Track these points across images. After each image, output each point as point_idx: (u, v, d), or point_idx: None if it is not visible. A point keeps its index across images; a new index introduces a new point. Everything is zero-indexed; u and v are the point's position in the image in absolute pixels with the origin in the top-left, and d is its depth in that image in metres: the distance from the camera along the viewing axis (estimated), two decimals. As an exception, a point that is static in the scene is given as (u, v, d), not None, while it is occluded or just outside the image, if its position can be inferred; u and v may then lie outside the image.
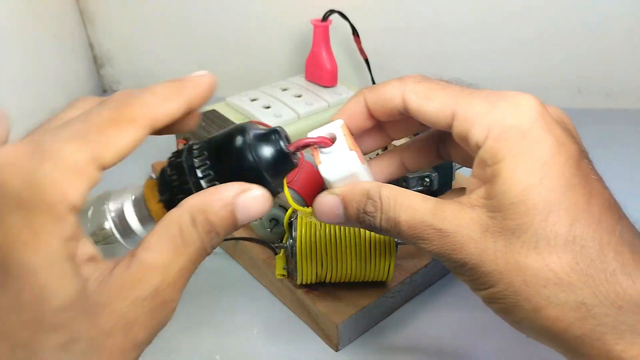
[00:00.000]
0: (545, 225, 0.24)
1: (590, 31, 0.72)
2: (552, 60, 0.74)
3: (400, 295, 0.43)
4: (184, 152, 0.26)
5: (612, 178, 0.30)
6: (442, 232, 0.25)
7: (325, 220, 0.29)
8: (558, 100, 0.76)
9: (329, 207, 0.28)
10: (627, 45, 0.73)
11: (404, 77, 0.29)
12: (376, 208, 0.27)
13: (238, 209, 0.24)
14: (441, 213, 0.26)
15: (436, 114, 0.27)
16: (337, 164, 0.28)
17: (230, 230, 0.25)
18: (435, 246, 0.26)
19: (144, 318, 0.22)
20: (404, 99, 0.28)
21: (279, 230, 0.44)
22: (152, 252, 0.22)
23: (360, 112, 0.30)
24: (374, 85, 0.30)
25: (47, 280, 0.20)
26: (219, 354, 0.39)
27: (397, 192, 0.27)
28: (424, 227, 0.26)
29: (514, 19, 0.72)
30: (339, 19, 0.63)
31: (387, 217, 0.27)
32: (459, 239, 0.25)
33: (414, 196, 0.27)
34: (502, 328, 0.41)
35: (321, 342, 0.40)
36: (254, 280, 0.46)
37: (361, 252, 0.39)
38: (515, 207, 0.24)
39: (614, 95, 0.77)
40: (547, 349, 0.40)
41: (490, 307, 0.27)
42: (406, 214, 0.26)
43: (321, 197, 0.28)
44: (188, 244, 0.23)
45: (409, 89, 0.28)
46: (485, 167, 0.25)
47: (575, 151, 0.26)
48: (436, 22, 0.73)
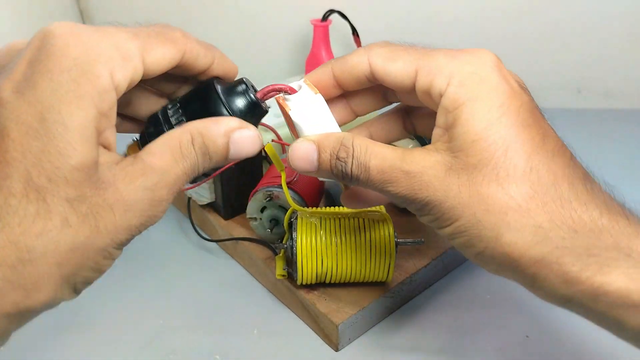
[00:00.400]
0: (505, 158, 0.26)
1: (589, 32, 0.73)
2: (552, 60, 0.75)
3: (400, 295, 0.43)
4: (159, 110, 0.29)
5: (611, 177, 0.30)
6: (409, 174, 0.27)
7: (299, 166, 0.29)
8: (558, 100, 0.76)
9: (304, 151, 0.29)
10: (627, 46, 0.73)
11: (369, 44, 0.31)
12: (348, 154, 0.28)
13: (232, 141, 0.27)
14: (409, 157, 0.28)
15: (400, 73, 0.29)
16: (306, 107, 0.29)
17: (221, 161, 0.27)
18: (402, 188, 0.27)
19: (141, 206, 0.25)
20: (369, 62, 0.30)
21: (279, 231, 0.44)
22: (154, 157, 0.25)
23: (327, 80, 0.31)
24: (341, 56, 0.31)
25: (74, 140, 0.23)
26: (219, 354, 0.39)
27: (368, 142, 0.29)
28: (392, 171, 0.28)
29: (513, 19, 0.72)
30: (338, 18, 0.63)
31: (358, 163, 0.28)
32: (425, 179, 0.27)
33: (384, 146, 0.29)
34: (502, 328, 0.42)
35: (321, 342, 0.40)
36: (254, 280, 0.46)
37: (361, 253, 0.39)
38: (476, 144, 0.26)
39: (613, 96, 0.77)
40: (547, 349, 0.40)
41: (454, 242, 0.28)
42: (376, 160, 0.28)
43: (297, 143, 0.29)
44: (185, 157, 0.26)
45: (374, 52, 0.30)
46: (447, 114, 0.27)
47: (528, 99, 0.28)
48: (436, 21, 0.73)
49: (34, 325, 0.42)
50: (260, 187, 0.44)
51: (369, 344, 0.40)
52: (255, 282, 0.46)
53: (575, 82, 0.76)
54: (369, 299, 0.40)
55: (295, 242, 0.39)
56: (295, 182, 0.45)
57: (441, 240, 0.46)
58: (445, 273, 0.47)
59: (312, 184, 0.47)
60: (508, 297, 0.44)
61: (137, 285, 0.46)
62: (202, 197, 0.49)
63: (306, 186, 0.45)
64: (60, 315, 0.43)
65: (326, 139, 0.29)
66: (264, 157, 0.49)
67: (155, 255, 0.49)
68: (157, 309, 0.43)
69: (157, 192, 0.25)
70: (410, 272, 0.43)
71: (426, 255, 0.44)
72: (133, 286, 0.46)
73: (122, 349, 0.40)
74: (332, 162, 0.29)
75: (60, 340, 0.41)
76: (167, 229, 0.52)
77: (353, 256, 0.39)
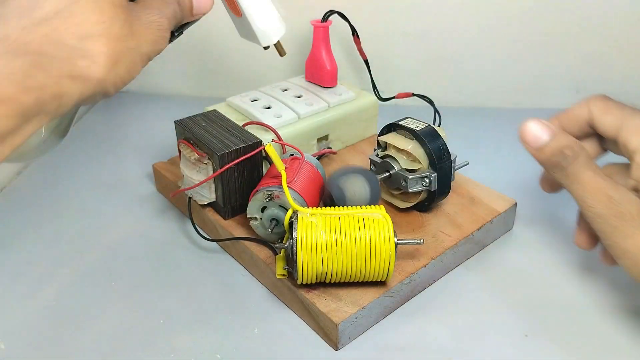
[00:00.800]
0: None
1: (588, 32, 0.73)
2: (551, 60, 0.75)
3: (400, 295, 0.43)
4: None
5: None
6: (611, 199, 0.35)
7: (525, 136, 0.38)
8: (556, 100, 0.76)
9: (538, 129, 0.37)
10: (626, 46, 0.74)
11: (590, 97, 0.40)
12: (574, 156, 0.36)
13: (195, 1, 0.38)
14: (615, 185, 0.35)
15: (609, 125, 0.38)
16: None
17: (187, 14, 0.38)
18: (600, 208, 0.35)
19: (149, 33, 0.34)
20: (589, 111, 0.39)
21: (279, 231, 0.44)
22: (152, 1, 0.35)
23: (578, 117, 0.40)
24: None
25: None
26: (220, 353, 0.39)
27: (590, 157, 0.37)
28: (600, 189, 0.35)
29: (513, 19, 0.72)
30: (338, 19, 0.63)
31: (575, 168, 0.36)
32: (621, 210, 0.35)
33: (599, 170, 0.37)
34: (501, 328, 0.42)
35: (321, 342, 0.41)
36: (254, 279, 0.46)
37: (361, 252, 0.39)
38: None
39: (612, 96, 0.77)
40: (547, 349, 0.40)
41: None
42: (590, 173, 0.36)
43: (536, 122, 0.38)
44: (168, 4, 0.35)
45: (593, 104, 0.39)
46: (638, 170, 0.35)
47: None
48: (436, 22, 0.73)
49: (34, 324, 0.42)
50: (261, 187, 0.44)
51: (368, 343, 0.40)
52: (256, 281, 0.46)
53: (573, 83, 0.76)
54: (368, 298, 0.41)
55: (296, 242, 0.39)
56: (295, 182, 0.45)
57: (441, 240, 0.46)
58: (445, 273, 0.47)
59: (313, 184, 0.47)
60: (507, 297, 0.44)
61: (138, 285, 0.46)
62: (203, 197, 0.49)
63: (306, 186, 0.46)
64: (60, 315, 0.43)
65: (564, 133, 0.37)
66: (264, 157, 0.49)
67: (156, 255, 0.49)
68: (157, 308, 0.43)
69: (158, 24, 0.34)
70: (410, 272, 0.43)
71: (426, 255, 0.44)
72: (133, 286, 0.46)
73: (122, 349, 0.40)
74: (556, 151, 0.37)
75: (60, 340, 0.41)
76: (167, 229, 0.53)
77: (353, 256, 0.39)
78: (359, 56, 0.68)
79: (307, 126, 0.56)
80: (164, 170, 0.56)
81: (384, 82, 0.71)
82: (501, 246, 0.50)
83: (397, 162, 0.48)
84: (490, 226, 0.49)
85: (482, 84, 0.77)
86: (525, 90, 0.76)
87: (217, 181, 0.48)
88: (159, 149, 0.65)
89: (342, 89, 0.62)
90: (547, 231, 0.52)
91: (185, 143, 0.49)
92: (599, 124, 0.39)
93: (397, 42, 0.75)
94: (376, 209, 0.41)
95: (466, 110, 0.76)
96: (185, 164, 0.49)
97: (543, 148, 0.37)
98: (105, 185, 0.59)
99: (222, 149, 0.46)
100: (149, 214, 0.55)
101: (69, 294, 0.45)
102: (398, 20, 0.73)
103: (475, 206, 0.50)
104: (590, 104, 0.39)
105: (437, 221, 0.49)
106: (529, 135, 0.38)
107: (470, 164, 0.52)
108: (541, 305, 0.44)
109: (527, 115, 0.38)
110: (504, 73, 0.76)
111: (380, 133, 0.50)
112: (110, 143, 0.68)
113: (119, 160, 0.64)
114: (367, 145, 0.62)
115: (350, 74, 0.76)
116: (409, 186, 0.47)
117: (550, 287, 0.45)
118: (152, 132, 0.69)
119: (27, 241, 0.51)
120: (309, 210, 0.41)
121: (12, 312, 0.43)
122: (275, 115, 0.56)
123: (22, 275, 0.47)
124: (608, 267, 0.47)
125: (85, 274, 0.47)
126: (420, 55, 0.75)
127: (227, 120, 0.51)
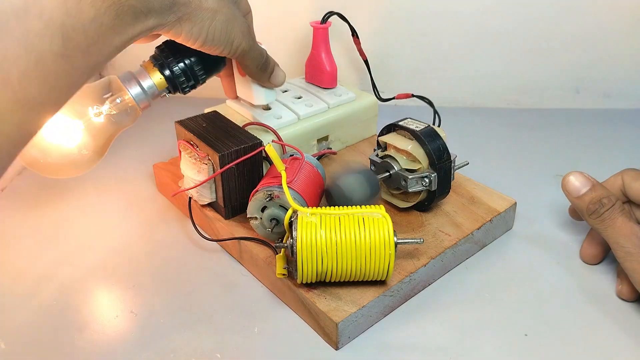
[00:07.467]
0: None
1: (588, 32, 0.73)
2: (551, 61, 0.75)
3: (400, 294, 0.43)
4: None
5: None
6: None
7: (567, 186, 0.44)
8: (557, 100, 0.77)
9: (581, 182, 0.44)
10: (625, 46, 0.74)
11: (625, 169, 0.46)
12: (610, 204, 0.42)
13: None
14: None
15: (638, 190, 0.44)
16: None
17: (265, 74, 0.48)
18: (630, 246, 0.41)
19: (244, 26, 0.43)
20: (622, 180, 0.45)
21: (280, 230, 0.44)
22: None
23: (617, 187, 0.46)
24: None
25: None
26: (220, 353, 0.39)
27: (622, 205, 0.43)
28: (631, 231, 0.41)
29: (512, 20, 0.73)
30: (338, 20, 0.63)
31: (610, 214, 0.42)
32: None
33: (628, 211, 0.43)
34: (501, 327, 0.42)
35: (321, 341, 0.41)
36: (255, 279, 0.46)
37: (361, 252, 0.39)
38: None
39: (612, 96, 0.77)
40: (547, 348, 0.41)
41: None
42: (623, 218, 0.42)
43: (579, 175, 0.44)
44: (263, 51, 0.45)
45: (626, 174, 0.45)
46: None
47: None
48: (435, 22, 0.73)
49: (34, 324, 0.42)
50: (261, 187, 0.44)
51: (368, 343, 0.40)
52: (256, 281, 0.46)
53: (574, 83, 0.76)
54: (368, 297, 0.41)
55: (296, 241, 0.39)
56: (295, 182, 0.45)
57: (440, 239, 0.46)
58: (444, 272, 0.47)
59: (313, 183, 0.47)
60: (507, 296, 0.44)
61: (138, 285, 0.46)
62: (203, 197, 0.49)
63: (306, 186, 0.46)
64: (60, 315, 0.43)
65: (600, 185, 0.44)
66: (265, 157, 0.49)
67: (156, 254, 0.49)
68: (158, 308, 0.43)
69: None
70: (410, 271, 0.43)
71: (425, 255, 0.44)
72: (133, 285, 0.46)
73: (122, 348, 0.40)
74: (594, 201, 0.43)
75: (60, 340, 0.41)
76: (167, 229, 0.53)
77: (353, 255, 0.39)
78: (359, 56, 0.68)
79: (307, 127, 0.56)
80: (164, 171, 0.56)
81: (384, 83, 0.71)
82: (501, 246, 0.50)
83: (397, 162, 0.48)
84: (490, 226, 0.49)
85: (482, 84, 0.77)
86: (525, 90, 0.76)
87: (218, 181, 0.48)
88: (159, 149, 0.65)
89: (342, 89, 0.62)
90: (547, 231, 0.52)
91: (186, 143, 0.49)
92: (630, 189, 0.44)
93: (397, 42, 0.75)
94: (376, 208, 0.41)
95: (466, 110, 0.76)
96: (185, 164, 0.49)
97: (583, 197, 0.43)
98: (106, 185, 0.60)
99: (222, 150, 0.46)
100: (149, 214, 0.55)
101: (69, 294, 0.45)
102: (398, 20, 0.73)
103: (475, 206, 0.50)
104: (624, 173, 0.45)
105: (437, 221, 0.49)
106: (570, 186, 0.44)
107: (470, 164, 0.52)
108: (541, 304, 0.44)
109: (527, 115, 0.39)
110: (504, 73, 0.76)
111: (380, 133, 0.50)
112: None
113: (119, 160, 0.64)
114: (367, 146, 0.62)
115: (350, 74, 0.76)
116: (409, 186, 0.47)
117: (550, 286, 0.46)
118: (152, 133, 0.69)
119: (27, 241, 0.51)
120: (308, 209, 0.41)
121: (12, 312, 0.43)
122: (275, 116, 0.56)
123: (22, 275, 0.47)
124: (608, 267, 0.48)
125: (85, 274, 0.47)
126: (420, 56, 0.75)
127: (228, 121, 0.51)
